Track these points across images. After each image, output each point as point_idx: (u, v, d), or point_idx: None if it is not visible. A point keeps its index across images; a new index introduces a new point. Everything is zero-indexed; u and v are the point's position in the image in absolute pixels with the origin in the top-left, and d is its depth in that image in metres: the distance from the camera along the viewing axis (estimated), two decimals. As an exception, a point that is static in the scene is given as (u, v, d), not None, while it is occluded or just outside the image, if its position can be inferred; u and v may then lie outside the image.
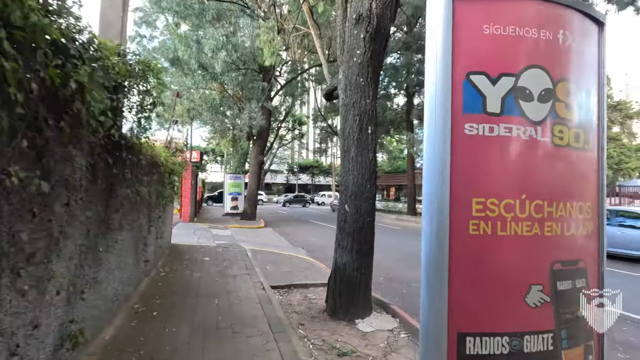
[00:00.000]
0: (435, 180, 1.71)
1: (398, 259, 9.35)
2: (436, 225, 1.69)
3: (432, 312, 1.71)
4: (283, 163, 56.36)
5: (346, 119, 4.79)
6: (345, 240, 4.65)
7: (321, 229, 16.43)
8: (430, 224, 1.73)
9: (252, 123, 15.47)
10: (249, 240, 11.14)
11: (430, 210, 1.74)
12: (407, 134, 21.43)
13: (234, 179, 21.22)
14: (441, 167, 1.69)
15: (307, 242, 12.00)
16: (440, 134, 1.71)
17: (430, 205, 1.73)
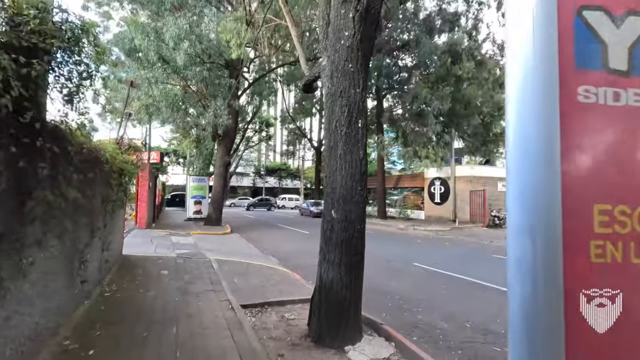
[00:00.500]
0: (533, 176, 1.07)
1: (376, 265, 8.79)
2: (541, 250, 1.04)
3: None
4: (249, 165, 54.80)
5: (332, 111, 4.12)
6: (332, 253, 3.96)
7: (291, 234, 15.64)
8: (524, 249, 1.08)
9: (217, 122, 14.40)
10: (214, 249, 10.13)
11: (522, 225, 1.09)
12: (378, 136, 21.20)
13: (198, 182, 19.89)
14: (544, 155, 1.05)
15: (277, 249, 11.18)
16: (540, 102, 1.07)
17: (525, 217, 1.08)
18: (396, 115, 22.44)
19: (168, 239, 11.48)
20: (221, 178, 16.86)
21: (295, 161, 68.31)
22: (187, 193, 19.87)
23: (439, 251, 11.88)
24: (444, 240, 14.76)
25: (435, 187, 22.75)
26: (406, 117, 20.94)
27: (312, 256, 10.20)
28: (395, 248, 12.41)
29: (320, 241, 4.19)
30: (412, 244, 13.58)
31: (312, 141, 34.79)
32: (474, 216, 20.42)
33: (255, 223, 21.36)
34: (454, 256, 10.92)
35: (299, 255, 10.23)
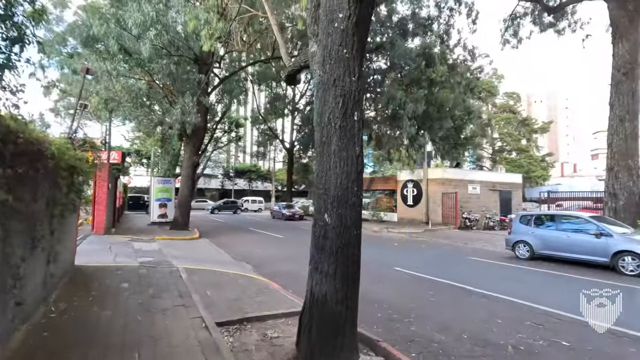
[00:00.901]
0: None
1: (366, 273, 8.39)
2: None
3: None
4: (218, 167, 53.07)
5: (324, 102, 3.64)
6: (325, 263, 3.47)
7: (264, 239, 14.96)
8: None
9: (185, 119, 13.49)
10: (182, 256, 9.30)
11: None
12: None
13: (163, 183, 18.67)
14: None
15: (251, 255, 10.51)
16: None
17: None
18: (369, 118, 22.39)
19: (130, 245, 10.46)
20: (189, 179, 15.86)
21: (266, 163, 67.22)
22: (151, 195, 18.61)
23: (417, 254, 11.71)
24: (419, 243, 14.70)
25: (408, 190, 22.87)
26: (379, 120, 20.91)
27: (289, 262, 9.67)
28: (373, 251, 12.09)
29: (310, 249, 3.70)
30: (388, 246, 13.35)
31: (284, 142, 34.12)
32: (446, 218, 20.68)
33: (224, 227, 20.40)
34: (432, 259, 10.77)
35: (275, 261, 9.63)
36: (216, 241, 13.50)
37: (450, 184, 21.21)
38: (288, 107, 33.48)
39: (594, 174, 58.95)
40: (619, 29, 11.49)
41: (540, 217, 10.75)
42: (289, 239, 14.89)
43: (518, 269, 9.19)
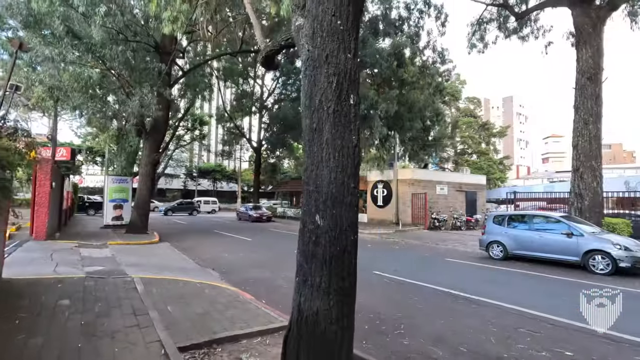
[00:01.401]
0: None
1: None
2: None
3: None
4: (180, 166, 50.58)
5: (315, 82, 3.05)
6: (317, 274, 2.87)
7: (231, 242, 14.03)
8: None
9: (144, 112, 12.30)
10: (139, 263, 8.27)
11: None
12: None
13: (119, 183, 17.11)
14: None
15: (218, 260, 9.65)
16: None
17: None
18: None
19: (76, 252, 9.21)
20: (148, 179, 14.57)
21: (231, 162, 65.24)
22: (104, 196, 16.98)
23: (392, 256, 11.39)
24: (392, 244, 14.47)
25: (378, 190, 22.79)
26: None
27: (260, 268, 8.93)
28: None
29: (297, 258, 3.08)
30: (362, 248, 12.89)
31: (252, 141, 32.95)
32: (415, 219, 20.77)
33: (188, 229, 19.13)
34: (409, 261, 10.48)
35: (244, 267, 8.86)
36: (179, 245, 12.42)
37: (419, 184, 21.35)
38: (256, 105, 32.42)
39: (545, 176, 63.05)
40: (583, 35, 11.89)
41: (514, 217, 10.82)
42: (258, 242, 14.08)
43: (496, 270, 9.09)
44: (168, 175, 47.20)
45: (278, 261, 9.81)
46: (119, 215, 17.03)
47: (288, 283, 7.17)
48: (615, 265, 8.24)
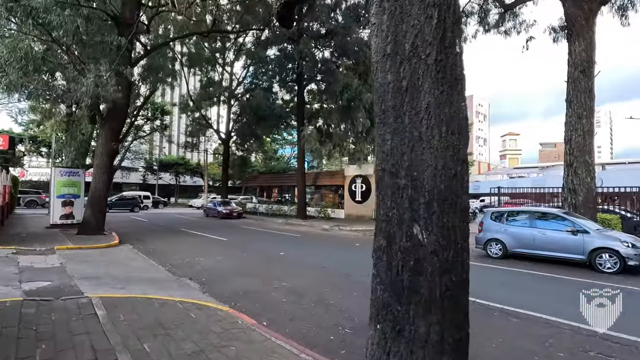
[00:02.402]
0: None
1: (341, 286, 6.84)
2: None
3: None
4: (139, 159, 46.96)
5: (402, 16, 1.95)
6: (420, 321, 1.79)
7: (203, 242, 12.53)
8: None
9: (100, 94, 10.44)
10: (96, 275, 6.70)
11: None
12: (301, 128, 19.30)
13: (68, 176, 14.86)
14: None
15: (193, 267, 8.26)
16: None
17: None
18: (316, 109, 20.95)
19: (12, 262, 7.40)
20: (104, 171, 12.60)
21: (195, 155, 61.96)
22: (51, 191, 14.69)
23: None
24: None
25: (357, 185, 22.01)
26: (329, 110, 19.56)
27: (246, 275, 7.58)
28: (338, 255, 10.65)
29: (375, 295, 1.99)
30: (351, 248, 12.04)
31: (220, 133, 30.89)
32: (395, 214, 20.23)
33: (151, 228, 17.20)
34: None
35: (226, 274, 7.56)
36: (143, 248, 10.77)
37: (399, 179, 20.82)
38: (224, 94, 30.40)
39: (505, 172, 66.05)
40: (576, 28, 11.64)
41: (513, 214, 10.35)
42: (235, 243, 12.71)
43: (499, 270, 8.50)
44: (125, 168, 43.60)
45: (264, 265, 8.59)
46: (69, 213, 14.83)
47: (286, 295, 6.04)
48: (624, 263, 7.92)
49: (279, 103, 24.36)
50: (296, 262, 9.16)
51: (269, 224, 20.26)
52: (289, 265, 8.72)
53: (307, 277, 7.36)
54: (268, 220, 22.20)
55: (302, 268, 8.34)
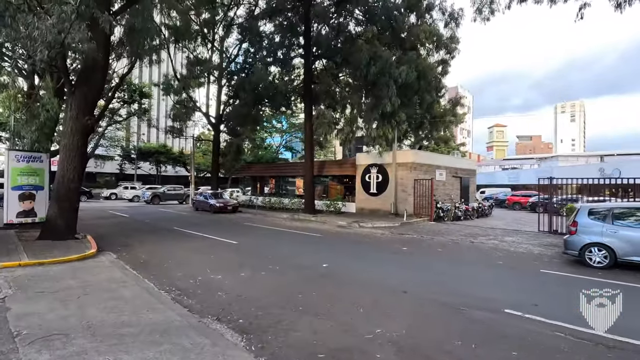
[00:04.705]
0: None
1: (457, 327, 4.31)
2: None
3: None
4: (115, 147, 42.75)
5: None
6: None
7: (207, 247, 9.73)
8: None
9: (67, 42, 7.37)
10: (62, 330, 3.88)
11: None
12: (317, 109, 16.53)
13: (28, 161, 11.62)
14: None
15: (213, 292, 5.55)
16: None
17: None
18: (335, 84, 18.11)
19: None
20: (75, 154, 9.50)
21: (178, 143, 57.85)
22: (5, 180, 11.42)
23: (470, 270, 8.08)
24: (422, 243, 11.24)
25: (371, 176, 19.52)
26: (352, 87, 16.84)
27: (307, 312, 4.31)
28: (397, 266, 8.08)
29: None
30: (401, 254, 9.53)
31: (210, 116, 27.58)
32: (418, 209, 17.93)
33: (135, 227, 14.13)
34: (504, 280, 7.16)
35: (273, 309, 4.90)
36: (131, 258, 7.91)
37: (420, 169, 18.49)
38: (214, 74, 27.06)
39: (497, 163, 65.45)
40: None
41: (624, 212, 8.08)
42: (249, 247, 9.99)
43: (624, 288, 6.20)
44: (99, 156, 39.45)
45: (313, 288, 5.95)
46: (29, 210, 11.64)
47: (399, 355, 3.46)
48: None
49: (284, 79, 21.32)
50: (353, 280, 6.58)
51: (273, 220, 17.52)
52: (349, 287, 6.13)
53: (399, 314, 4.80)
54: (270, 215, 19.44)
55: (372, 292, 5.77)
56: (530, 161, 57.55)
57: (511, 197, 30.59)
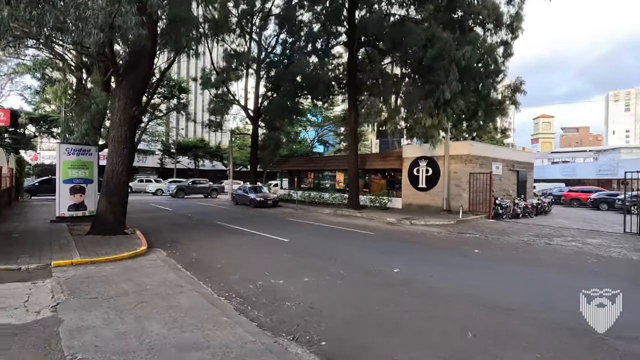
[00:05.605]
0: None
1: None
2: None
3: None
4: (155, 141, 43.90)
5: None
6: None
7: (256, 244, 9.07)
8: None
9: (112, 22, 6.87)
10: (122, 349, 3.26)
11: None
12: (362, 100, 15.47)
13: (78, 154, 11.56)
14: None
15: (279, 301, 4.80)
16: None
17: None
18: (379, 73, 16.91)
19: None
20: (124, 146, 9.15)
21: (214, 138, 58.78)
22: (57, 174, 11.42)
23: (563, 277, 6.84)
24: (485, 243, 9.97)
25: (420, 169, 18.24)
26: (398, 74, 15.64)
27: (410, 347, 3.04)
28: (478, 275, 6.96)
29: None
30: (472, 257, 8.39)
31: (248, 110, 27.28)
32: (474, 205, 16.48)
33: (179, 222, 13.87)
34: (625, 292, 5.91)
35: (358, 328, 4.03)
36: (182, 257, 7.39)
37: (476, 162, 16.96)
38: (252, 66, 26.64)
39: (544, 156, 61.04)
40: None
41: None
42: (301, 246, 9.24)
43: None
44: (141, 151, 40.62)
45: (397, 302, 5.03)
46: (80, 203, 11.60)
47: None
48: None
49: (329, 67, 20.41)
50: (434, 291, 5.59)
51: (316, 215, 16.77)
52: (434, 300, 5.16)
53: (523, 343, 3.77)
54: (311, 210, 18.73)
55: (467, 308, 4.76)
56: (582, 154, 53.16)
57: (568, 193, 28.03)
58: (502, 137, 52.55)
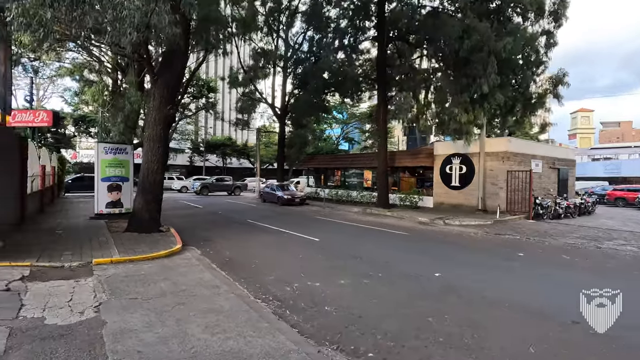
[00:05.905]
0: None
1: None
2: None
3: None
4: (185, 140, 45.05)
5: None
6: None
7: (287, 244, 8.93)
8: None
9: (148, 21, 6.90)
10: (165, 354, 3.18)
11: None
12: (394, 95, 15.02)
13: (114, 153, 11.89)
14: None
15: (318, 306, 4.62)
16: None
17: None
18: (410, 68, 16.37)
19: (10, 302, 4.11)
20: (159, 145, 9.27)
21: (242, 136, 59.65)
22: (96, 172, 11.79)
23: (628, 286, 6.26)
24: (528, 246, 9.34)
25: (453, 167, 17.55)
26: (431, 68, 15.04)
27: (444, 339, 3.10)
28: (527, 282, 6.46)
29: None
30: (516, 259, 7.87)
31: (275, 108, 27.34)
32: (512, 204, 15.66)
33: (210, 219, 14.02)
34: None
35: (393, 327, 3.77)
36: (216, 256, 7.37)
37: (514, 159, 16.10)
38: (279, 64, 26.63)
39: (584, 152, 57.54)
40: None
41: None
42: (333, 246, 9.03)
43: None
44: (172, 149, 41.78)
45: (444, 310, 4.69)
46: (117, 200, 11.94)
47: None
48: None
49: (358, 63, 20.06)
50: (482, 298, 5.21)
51: (345, 214, 16.51)
52: (484, 308, 4.80)
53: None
54: (339, 209, 18.48)
55: (520, 319, 4.37)
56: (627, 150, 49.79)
57: (613, 192, 26.22)
58: (538, 133, 50.05)
